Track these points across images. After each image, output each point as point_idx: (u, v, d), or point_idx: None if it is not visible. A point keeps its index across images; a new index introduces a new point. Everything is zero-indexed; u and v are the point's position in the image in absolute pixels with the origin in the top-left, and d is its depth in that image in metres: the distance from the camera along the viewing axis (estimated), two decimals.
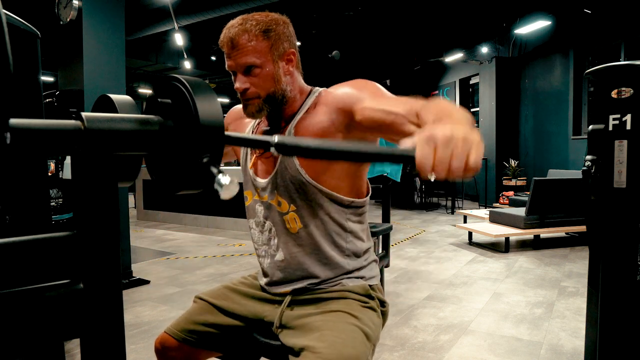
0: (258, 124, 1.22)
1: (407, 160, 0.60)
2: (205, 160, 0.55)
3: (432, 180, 0.63)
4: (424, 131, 0.60)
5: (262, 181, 1.15)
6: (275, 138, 0.62)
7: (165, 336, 1.19)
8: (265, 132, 1.18)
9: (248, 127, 1.26)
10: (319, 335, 1.00)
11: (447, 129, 0.59)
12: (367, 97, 1.01)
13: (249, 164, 1.20)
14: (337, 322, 1.03)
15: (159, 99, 0.60)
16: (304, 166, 1.07)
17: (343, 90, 1.07)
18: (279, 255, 1.15)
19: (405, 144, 0.60)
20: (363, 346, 1.00)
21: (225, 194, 0.55)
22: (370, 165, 2.78)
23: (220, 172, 0.55)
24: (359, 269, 1.15)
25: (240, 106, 1.25)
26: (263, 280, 1.22)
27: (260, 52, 1.04)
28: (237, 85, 1.06)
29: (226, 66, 1.08)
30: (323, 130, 1.06)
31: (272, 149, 0.62)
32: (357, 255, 1.15)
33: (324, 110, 1.08)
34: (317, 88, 1.17)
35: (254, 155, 1.19)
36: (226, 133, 0.60)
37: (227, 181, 0.55)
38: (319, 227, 1.10)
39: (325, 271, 1.12)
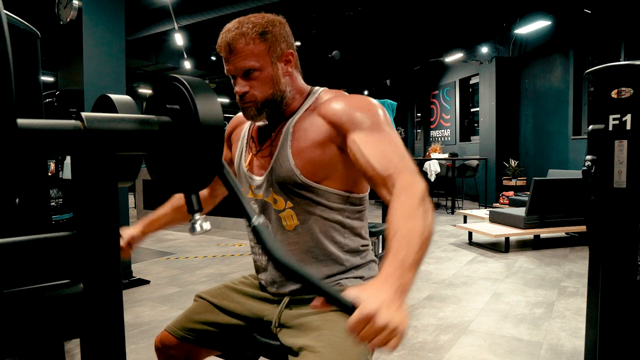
0: (253, 124, 1.21)
1: (345, 310, 0.67)
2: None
3: (432, 180, 0.67)
4: (370, 298, 0.67)
5: (257, 179, 1.15)
6: (256, 220, 0.68)
7: (165, 334, 1.19)
8: (262, 129, 1.17)
9: (244, 126, 1.25)
10: (317, 335, 1.00)
11: (384, 315, 0.65)
12: (361, 127, 1.00)
13: (245, 162, 1.19)
14: (336, 322, 1.03)
15: (167, 105, 0.60)
16: (299, 167, 1.06)
17: (342, 107, 1.04)
18: None
19: (351, 296, 0.68)
20: (362, 345, 1.00)
21: (196, 234, 0.63)
22: None
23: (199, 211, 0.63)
24: (357, 267, 1.14)
25: (239, 115, 1.26)
26: (262, 276, 1.21)
27: (258, 55, 1.03)
28: (236, 89, 1.06)
29: (225, 70, 1.08)
30: (320, 139, 1.05)
31: (251, 223, 0.68)
32: (355, 252, 1.14)
33: (321, 119, 1.07)
34: (317, 88, 1.16)
35: (250, 154, 1.18)
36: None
37: (206, 227, 0.63)
38: (316, 224, 1.09)
39: (322, 268, 1.11)
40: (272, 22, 1.06)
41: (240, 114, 1.27)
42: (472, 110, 9.61)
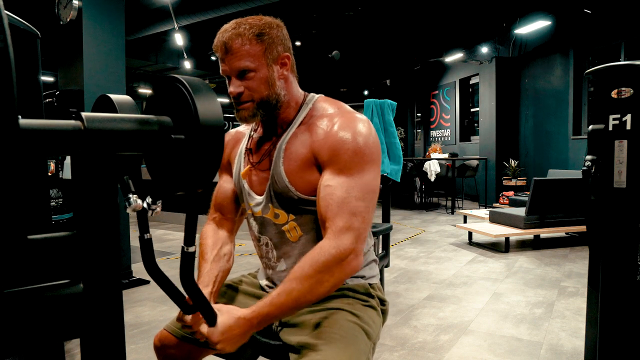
0: (251, 136, 1.20)
1: (208, 319, 0.93)
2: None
3: (432, 180, 0.69)
4: (224, 328, 0.94)
5: (258, 197, 1.14)
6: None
7: (164, 333, 1.19)
8: (259, 142, 1.17)
9: (242, 142, 1.23)
10: (319, 333, 1.00)
11: (221, 344, 0.94)
12: (334, 166, 1.01)
13: (242, 172, 1.18)
14: (337, 320, 1.03)
15: (172, 136, 0.60)
16: (293, 184, 1.06)
17: (327, 136, 1.03)
18: (281, 266, 1.15)
19: (219, 315, 0.95)
20: (363, 344, 1.00)
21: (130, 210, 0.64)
22: None
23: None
24: None
25: (233, 130, 1.26)
26: (264, 282, 1.23)
27: (254, 56, 1.03)
28: (231, 89, 1.06)
29: (220, 71, 1.07)
30: (307, 161, 1.06)
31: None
32: None
33: (308, 142, 1.06)
34: (312, 95, 1.15)
35: (248, 165, 1.17)
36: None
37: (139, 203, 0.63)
38: (319, 232, 1.10)
39: None
40: (270, 24, 1.06)
41: (232, 131, 1.27)
42: (472, 110, 9.61)
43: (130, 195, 0.62)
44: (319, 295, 0.94)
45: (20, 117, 0.43)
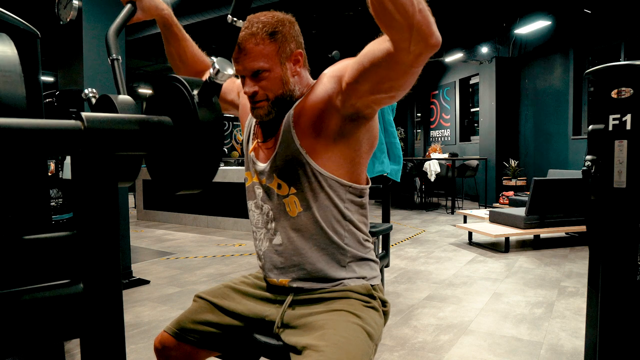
0: None
1: None
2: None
3: (432, 180, 0.66)
4: None
5: (261, 165, 1.15)
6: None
7: (165, 335, 1.19)
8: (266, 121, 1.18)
9: (248, 119, 1.27)
10: (321, 334, 0.99)
11: None
12: (352, 60, 1.03)
13: (250, 147, 1.21)
14: (339, 321, 1.03)
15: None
16: (305, 146, 1.07)
17: (337, 65, 1.08)
18: (277, 239, 1.14)
19: None
20: (366, 345, 1.00)
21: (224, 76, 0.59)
22: (369, 164, 2.78)
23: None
24: (359, 263, 1.14)
25: None
26: (259, 263, 1.23)
27: (267, 55, 1.04)
28: (245, 89, 1.06)
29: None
30: (320, 101, 1.06)
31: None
32: (355, 243, 1.14)
33: (318, 84, 1.09)
34: None
35: (255, 141, 1.19)
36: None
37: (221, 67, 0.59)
38: (318, 211, 1.10)
39: (323, 257, 1.11)
40: (282, 21, 1.07)
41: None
42: (472, 110, 9.61)
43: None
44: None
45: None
